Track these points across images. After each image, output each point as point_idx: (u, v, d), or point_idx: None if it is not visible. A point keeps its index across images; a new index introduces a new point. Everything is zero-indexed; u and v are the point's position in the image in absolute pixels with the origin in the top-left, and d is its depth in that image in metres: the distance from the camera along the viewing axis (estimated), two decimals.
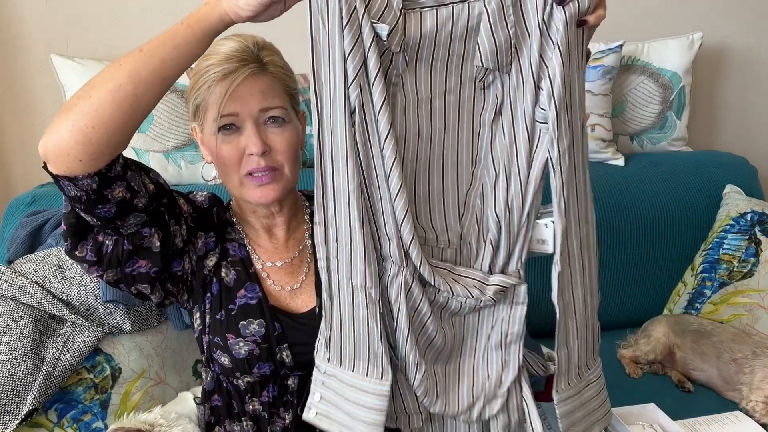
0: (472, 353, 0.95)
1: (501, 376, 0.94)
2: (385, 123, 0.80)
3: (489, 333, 0.94)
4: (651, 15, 2.15)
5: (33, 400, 1.14)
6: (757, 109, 2.34)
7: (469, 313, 0.93)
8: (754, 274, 1.71)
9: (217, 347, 1.03)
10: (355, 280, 0.85)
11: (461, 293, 0.88)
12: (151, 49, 0.81)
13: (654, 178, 1.90)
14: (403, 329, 0.87)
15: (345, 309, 0.87)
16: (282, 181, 1.01)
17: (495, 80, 0.86)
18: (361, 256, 0.83)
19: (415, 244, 0.84)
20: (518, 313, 0.93)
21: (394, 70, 0.82)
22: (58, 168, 0.82)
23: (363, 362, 0.87)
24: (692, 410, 1.45)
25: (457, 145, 0.88)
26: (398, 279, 0.85)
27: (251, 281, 1.05)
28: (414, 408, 0.93)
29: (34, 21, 1.78)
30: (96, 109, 0.80)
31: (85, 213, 0.88)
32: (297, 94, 1.05)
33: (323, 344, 0.89)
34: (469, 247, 0.92)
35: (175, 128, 1.69)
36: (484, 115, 0.88)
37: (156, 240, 0.96)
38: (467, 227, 0.92)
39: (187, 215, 1.03)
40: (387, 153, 0.81)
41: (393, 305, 0.87)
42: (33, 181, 1.84)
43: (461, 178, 0.90)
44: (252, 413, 1.06)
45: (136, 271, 0.96)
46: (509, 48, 0.82)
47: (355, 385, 0.88)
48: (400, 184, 0.82)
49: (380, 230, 0.85)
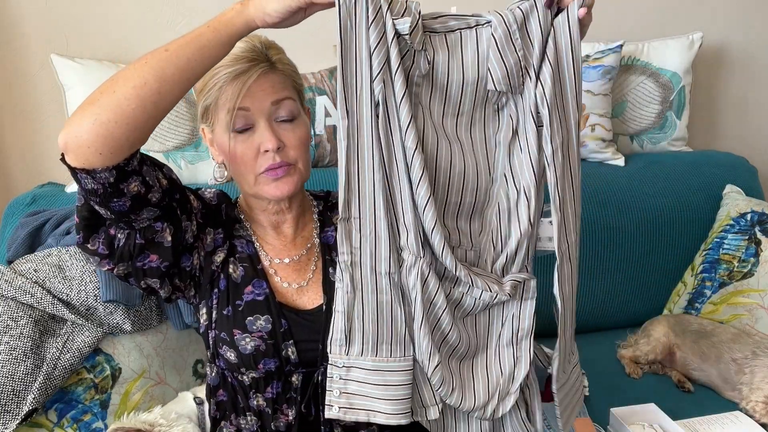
0: (485, 351, 0.98)
1: (513, 372, 0.97)
2: (407, 113, 0.84)
3: (500, 331, 0.98)
4: (651, 15, 2.15)
5: (33, 400, 1.14)
6: (757, 109, 2.34)
7: (481, 311, 0.96)
8: (754, 274, 1.71)
9: (223, 342, 1.04)
10: (380, 267, 0.89)
11: (481, 285, 0.91)
12: (177, 49, 0.83)
13: (654, 178, 1.90)
14: (417, 317, 0.90)
15: (368, 298, 0.90)
16: (296, 175, 1.03)
17: (508, 102, 0.90)
18: (386, 244, 0.88)
19: (438, 230, 0.88)
20: (528, 308, 0.97)
21: (416, 71, 0.86)
22: (78, 160, 0.83)
23: (386, 345, 0.91)
24: (692, 410, 1.46)
25: (475, 163, 0.92)
26: (415, 269, 0.89)
27: (259, 278, 1.06)
28: (430, 399, 0.94)
29: (34, 21, 1.78)
30: (120, 104, 0.81)
31: (100, 206, 0.90)
32: (303, 90, 1.07)
33: (340, 339, 0.91)
34: (485, 263, 0.96)
35: (175, 128, 1.69)
36: (499, 136, 0.92)
37: (168, 235, 0.97)
38: (484, 243, 0.95)
39: (197, 211, 1.05)
40: (408, 143, 0.85)
41: (410, 293, 0.90)
42: (33, 181, 1.84)
43: (479, 195, 0.94)
44: (256, 409, 1.07)
45: (147, 266, 0.97)
46: (520, 70, 0.87)
47: (379, 368, 0.91)
48: (421, 172, 0.85)
49: (399, 221, 0.88)
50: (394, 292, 0.89)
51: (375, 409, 0.91)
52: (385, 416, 0.90)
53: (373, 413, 0.91)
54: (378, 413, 0.91)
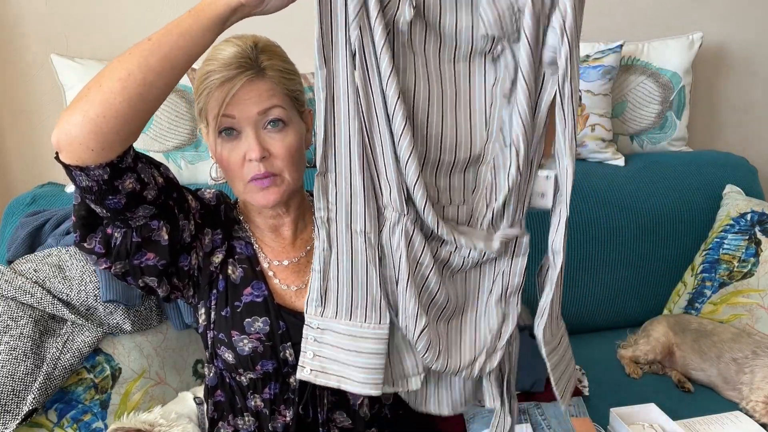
0: (474, 308, 0.94)
1: (501, 328, 0.94)
2: (387, 62, 0.78)
3: (490, 287, 0.94)
4: (651, 15, 2.15)
5: (33, 400, 1.14)
6: (758, 109, 2.34)
7: (471, 268, 0.92)
8: (754, 274, 1.71)
9: (221, 343, 1.03)
10: (355, 225, 0.85)
11: (465, 244, 0.87)
12: (159, 38, 0.82)
13: (654, 178, 1.90)
14: (402, 278, 0.85)
15: (344, 256, 0.86)
16: (283, 186, 1.01)
17: (504, 50, 0.84)
18: (361, 200, 0.83)
19: (420, 185, 0.83)
20: (519, 264, 0.93)
21: (401, 17, 0.80)
22: (70, 158, 0.83)
23: (361, 309, 0.87)
24: (692, 410, 1.46)
25: (470, 116, 0.87)
26: (399, 226, 0.84)
27: (257, 279, 1.06)
28: (413, 369, 0.91)
29: (34, 21, 1.79)
30: (107, 98, 0.80)
31: (96, 204, 0.89)
32: (300, 95, 1.04)
33: (316, 298, 0.88)
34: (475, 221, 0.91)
35: (175, 128, 1.69)
36: (496, 89, 0.86)
37: (164, 233, 0.96)
38: (477, 200, 0.91)
39: (195, 211, 1.04)
40: (390, 93, 0.80)
41: (394, 254, 0.86)
42: (33, 181, 1.84)
43: (474, 151, 0.88)
44: (254, 409, 1.07)
45: (144, 264, 0.97)
46: (513, 13, 0.80)
47: (352, 333, 0.87)
48: (404, 123, 0.80)
49: (380, 176, 0.84)
50: (369, 253, 0.85)
51: (346, 376, 0.87)
52: (356, 385, 0.87)
53: (345, 380, 0.87)
54: (349, 380, 0.87)
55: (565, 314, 1.88)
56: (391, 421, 1.15)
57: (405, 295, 0.86)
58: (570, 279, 1.80)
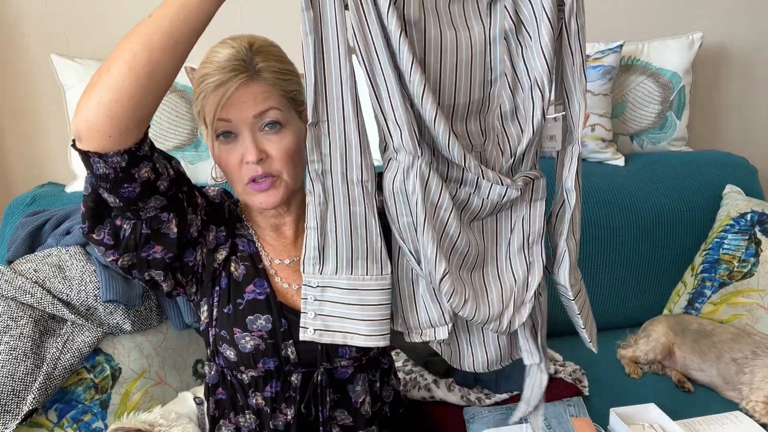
0: (494, 260, 0.91)
1: (527, 279, 0.91)
2: (393, 9, 0.75)
3: (510, 237, 0.91)
4: (651, 15, 2.15)
5: (33, 400, 1.14)
6: (758, 109, 2.34)
7: (488, 216, 0.89)
8: (754, 274, 1.71)
9: (223, 340, 1.04)
10: (351, 175, 0.82)
11: (492, 178, 0.83)
12: (159, 13, 0.81)
13: (654, 178, 1.90)
14: (420, 222, 0.82)
15: (341, 208, 0.84)
16: (282, 187, 1.01)
17: None
18: (356, 148, 0.81)
19: (441, 118, 0.78)
20: (538, 209, 0.91)
21: None
22: (90, 144, 0.83)
23: (362, 261, 0.85)
24: (692, 410, 1.46)
25: (471, 59, 0.83)
26: (414, 170, 0.81)
27: (260, 277, 1.06)
28: (440, 318, 0.89)
29: (34, 21, 1.79)
30: (116, 81, 0.81)
31: (110, 192, 0.89)
32: (298, 95, 1.03)
33: (314, 256, 0.86)
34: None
35: (175, 128, 1.69)
36: (495, 30, 0.83)
37: (174, 226, 0.97)
38: (489, 150, 0.88)
39: (201, 207, 1.04)
40: (392, 28, 0.76)
41: (410, 198, 0.82)
42: (33, 181, 1.84)
43: (473, 96, 0.85)
44: (255, 407, 1.07)
45: (151, 256, 0.97)
46: None
47: (355, 287, 0.86)
48: (411, 58, 0.76)
49: (388, 120, 0.80)
50: (368, 202, 0.82)
51: (352, 331, 0.86)
52: (362, 338, 0.86)
53: (350, 335, 0.87)
54: (355, 335, 0.86)
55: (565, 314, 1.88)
56: (391, 420, 1.15)
57: (424, 239, 0.83)
58: None
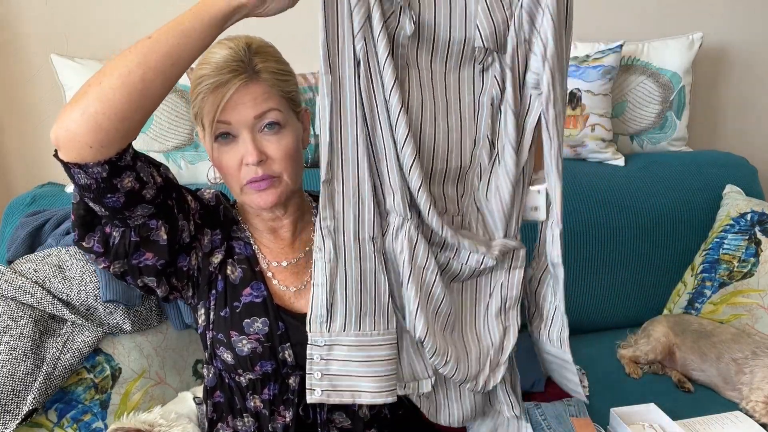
0: (473, 321, 0.95)
1: (503, 342, 0.95)
2: (391, 73, 0.80)
3: (488, 301, 0.95)
4: (651, 15, 2.15)
5: (33, 400, 1.14)
6: (757, 109, 2.34)
7: (467, 279, 0.93)
8: (754, 274, 1.71)
9: (220, 344, 1.03)
10: (363, 233, 0.85)
11: (468, 246, 0.88)
12: (159, 36, 0.82)
13: (654, 178, 1.90)
14: (405, 280, 0.86)
15: (352, 265, 0.86)
16: (281, 187, 1.01)
17: (494, 62, 0.87)
18: (369, 208, 0.85)
19: (424, 190, 0.84)
20: (516, 276, 0.95)
21: (401, 31, 0.83)
22: (69, 155, 0.83)
23: (370, 317, 0.87)
24: (692, 410, 1.45)
25: (461, 125, 0.89)
26: (403, 231, 0.85)
27: (257, 280, 1.06)
28: (422, 372, 0.92)
29: (34, 21, 1.78)
30: (106, 94, 0.81)
31: (94, 202, 0.89)
32: (296, 95, 1.03)
33: (320, 315, 0.88)
34: (468, 226, 0.93)
35: (175, 128, 1.69)
36: (483, 98, 0.89)
37: (163, 233, 0.96)
38: (467, 206, 0.92)
39: (194, 212, 1.04)
40: (393, 102, 0.81)
41: (398, 257, 0.86)
42: (33, 181, 1.84)
43: (464, 158, 0.90)
44: (253, 410, 1.07)
45: (142, 263, 0.97)
46: (506, 29, 0.84)
47: (363, 343, 0.87)
48: (407, 132, 0.82)
49: (384, 183, 0.85)
50: (378, 258, 0.86)
51: (360, 389, 0.87)
52: (371, 395, 0.87)
53: (358, 393, 0.88)
54: (363, 392, 0.87)
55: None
56: (390, 422, 1.15)
57: (410, 296, 0.86)
58: (570, 279, 1.79)
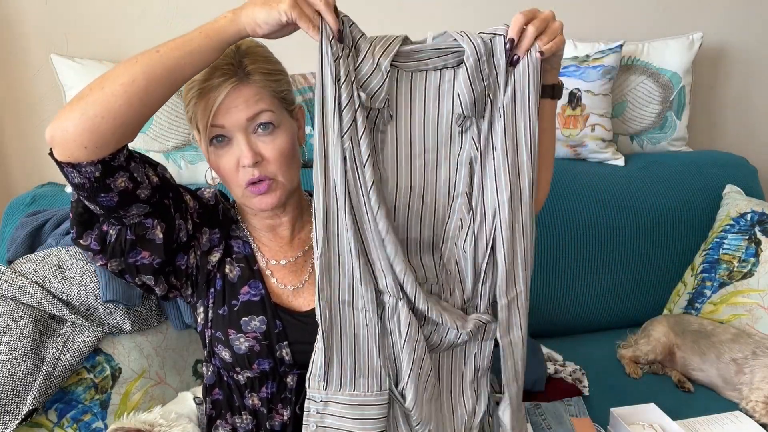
0: (449, 390, 1.02)
1: (475, 408, 1.02)
2: (370, 175, 0.86)
3: (463, 370, 1.02)
4: (651, 15, 2.15)
5: (33, 400, 1.14)
6: (758, 109, 2.34)
7: (445, 350, 0.99)
8: (754, 274, 1.71)
9: (218, 342, 1.04)
10: (357, 303, 0.91)
11: (448, 323, 0.94)
12: (168, 52, 0.84)
13: (654, 178, 1.90)
14: (400, 355, 0.93)
15: (347, 331, 0.92)
16: (279, 189, 1.01)
17: (472, 125, 0.92)
18: (362, 283, 0.90)
19: (408, 278, 0.90)
20: (487, 348, 1.00)
21: (381, 119, 0.90)
22: (63, 154, 0.84)
23: (363, 379, 0.93)
24: (692, 410, 1.46)
25: (436, 184, 0.95)
26: (397, 311, 0.91)
27: (255, 278, 1.06)
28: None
29: (34, 21, 1.78)
30: (107, 99, 0.83)
31: (89, 201, 0.90)
32: (288, 94, 1.04)
33: (318, 374, 0.93)
34: (448, 274, 0.98)
35: (175, 128, 1.69)
36: (462, 157, 0.94)
37: (159, 232, 0.97)
38: (447, 256, 0.98)
39: (192, 211, 1.04)
40: (372, 201, 0.87)
41: (395, 335, 0.92)
42: (33, 181, 1.84)
43: (441, 213, 0.96)
44: (251, 408, 1.07)
45: (139, 262, 0.98)
46: (485, 97, 0.89)
47: (356, 403, 0.93)
48: (386, 229, 0.88)
49: (375, 267, 0.90)
50: (370, 327, 0.91)
51: None
52: None
53: None
54: None
55: (565, 314, 1.88)
56: None
57: (402, 370, 0.93)
58: (570, 279, 1.80)
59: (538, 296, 1.75)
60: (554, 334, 1.80)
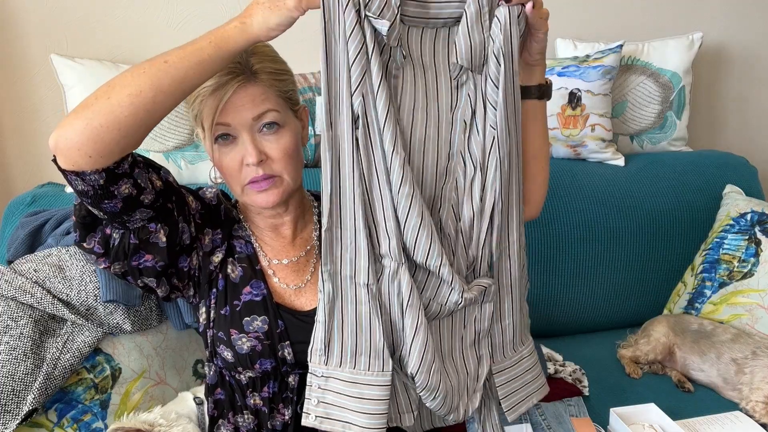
0: (451, 354, 1.00)
1: (478, 370, 1.01)
2: (391, 133, 0.84)
3: (463, 333, 1.00)
4: (651, 15, 2.15)
5: (33, 400, 1.14)
6: (758, 109, 2.34)
7: (445, 316, 0.98)
8: (754, 274, 1.71)
9: (220, 342, 1.04)
10: (359, 278, 0.89)
11: (457, 283, 0.93)
12: (176, 62, 0.83)
13: (654, 178, 1.90)
14: (400, 320, 0.91)
15: (348, 308, 0.91)
16: (282, 186, 1.02)
17: (468, 80, 0.91)
18: (365, 255, 0.88)
19: (423, 231, 0.88)
20: (488, 310, 1.00)
21: (393, 63, 0.87)
22: (67, 162, 0.84)
23: (365, 357, 0.91)
24: (692, 410, 1.46)
25: (437, 142, 0.92)
26: (398, 275, 0.89)
27: (257, 278, 1.06)
28: (407, 407, 0.97)
29: (34, 21, 1.79)
30: (113, 110, 0.82)
31: (92, 207, 0.90)
32: (294, 94, 1.04)
33: (319, 349, 0.92)
34: (448, 238, 0.96)
35: (175, 128, 1.69)
36: (457, 113, 0.92)
37: (162, 235, 0.97)
38: (445, 219, 0.95)
39: (195, 213, 1.04)
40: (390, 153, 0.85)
41: (394, 300, 0.90)
42: (33, 181, 1.84)
43: (439, 173, 0.94)
44: (253, 407, 1.07)
45: (142, 265, 0.98)
46: (484, 51, 0.87)
47: (357, 381, 0.91)
48: (401, 179, 0.86)
49: (380, 229, 0.88)
50: (372, 303, 0.90)
51: (350, 421, 0.91)
52: (360, 429, 0.91)
53: (348, 425, 0.91)
54: (353, 426, 0.91)
55: (565, 314, 1.88)
56: None
57: (404, 335, 0.91)
58: (570, 279, 1.80)
59: (538, 296, 1.75)
60: (554, 334, 1.80)
